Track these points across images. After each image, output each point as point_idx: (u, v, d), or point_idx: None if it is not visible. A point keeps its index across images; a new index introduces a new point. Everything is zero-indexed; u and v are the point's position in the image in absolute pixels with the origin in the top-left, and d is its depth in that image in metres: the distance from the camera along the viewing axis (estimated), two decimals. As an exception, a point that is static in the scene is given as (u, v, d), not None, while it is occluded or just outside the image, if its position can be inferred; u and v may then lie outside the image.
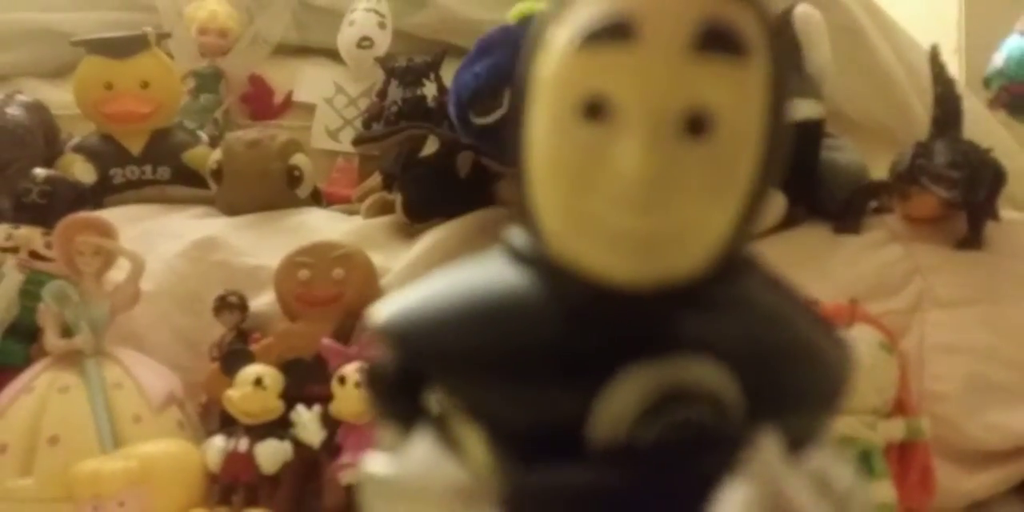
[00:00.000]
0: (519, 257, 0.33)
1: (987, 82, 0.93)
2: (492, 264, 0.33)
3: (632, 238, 0.30)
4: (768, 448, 0.30)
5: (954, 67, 1.15)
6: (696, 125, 0.29)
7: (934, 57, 0.91)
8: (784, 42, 0.31)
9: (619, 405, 0.30)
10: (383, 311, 0.33)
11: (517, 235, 0.33)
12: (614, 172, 0.29)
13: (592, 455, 0.30)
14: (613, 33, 0.29)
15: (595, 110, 0.29)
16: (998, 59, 0.92)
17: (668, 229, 0.30)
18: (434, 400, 0.33)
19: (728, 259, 0.31)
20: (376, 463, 0.33)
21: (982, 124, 1.03)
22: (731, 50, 0.29)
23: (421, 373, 0.33)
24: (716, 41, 0.29)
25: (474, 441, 0.32)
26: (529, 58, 0.32)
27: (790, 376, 0.32)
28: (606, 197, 0.29)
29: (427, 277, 0.34)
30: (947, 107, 0.89)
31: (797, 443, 0.32)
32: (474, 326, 0.32)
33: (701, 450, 0.30)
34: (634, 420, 0.30)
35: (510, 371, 0.31)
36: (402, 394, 0.33)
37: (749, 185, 0.30)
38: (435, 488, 0.31)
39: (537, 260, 0.32)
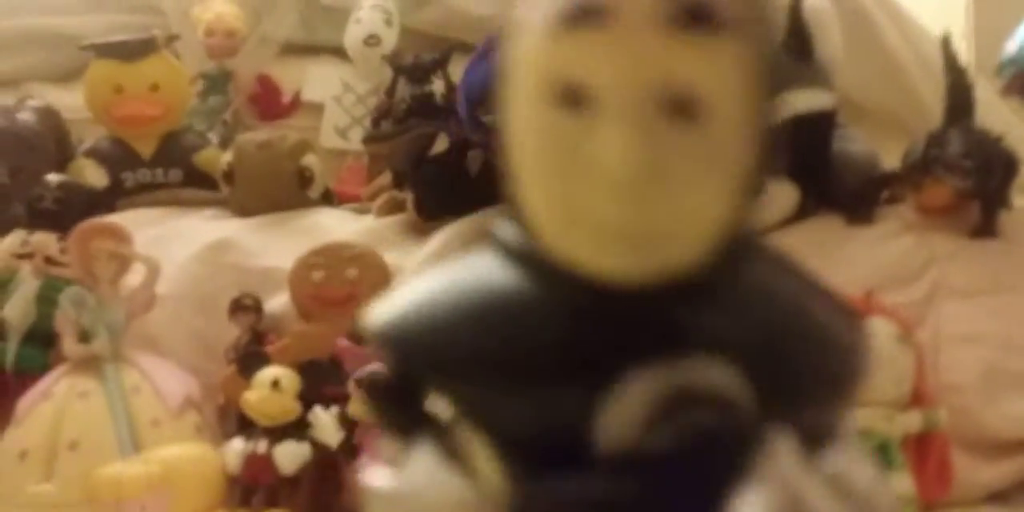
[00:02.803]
0: (511, 254, 0.31)
1: (999, 69, 0.93)
2: (485, 263, 0.32)
3: (624, 232, 0.28)
4: (783, 450, 0.29)
5: (964, 54, 1.15)
6: (682, 108, 0.27)
7: (946, 45, 0.90)
8: (769, 18, 0.30)
9: (627, 410, 0.29)
10: (377, 316, 0.32)
11: (508, 231, 0.31)
12: (599, 162, 0.27)
13: (601, 463, 0.29)
14: (586, 17, 0.27)
15: (574, 98, 0.28)
16: (1010, 47, 0.91)
17: (661, 220, 0.28)
18: (440, 408, 0.32)
19: (731, 247, 0.29)
20: (379, 477, 0.32)
21: (994, 111, 1.03)
22: (711, 27, 0.27)
23: (421, 381, 0.32)
24: (694, 17, 0.27)
25: (480, 451, 0.31)
26: (503, 46, 0.30)
27: (804, 366, 0.31)
28: (593, 188, 0.28)
29: (420, 279, 0.33)
30: (959, 96, 0.89)
31: (815, 439, 0.31)
32: (472, 329, 0.30)
33: (714, 455, 0.29)
34: (643, 426, 0.29)
35: (511, 375, 0.30)
36: (404, 403, 0.32)
37: (744, 169, 0.29)
38: (440, 503, 0.31)
39: (530, 257, 0.30)
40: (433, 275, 0.32)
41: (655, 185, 0.27)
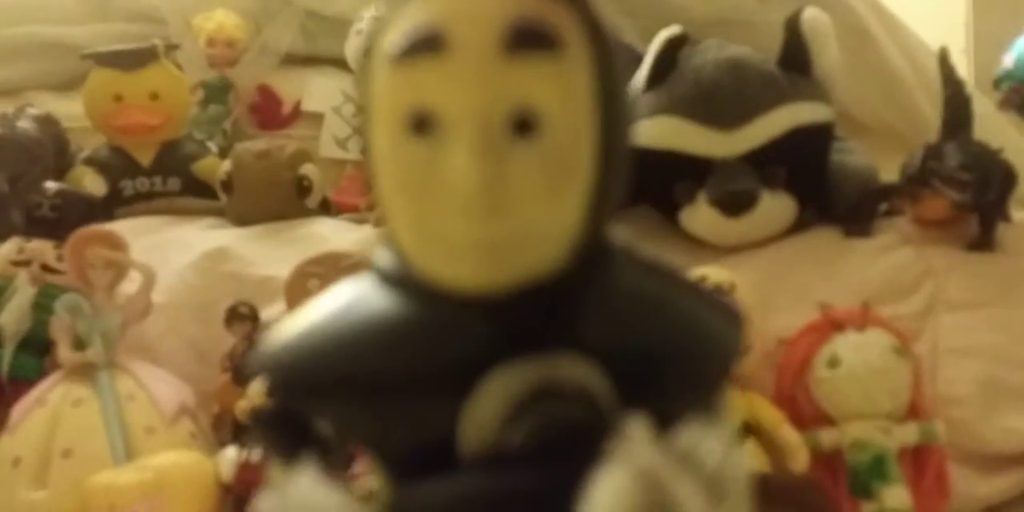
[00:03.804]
0: (386, 278, 0.33)
1: (997, 83, 0.93)
2: (361, 287, 0.33)
3: (478, 246, 0.30)
4: (636, 434, 0.29)
5: (962, 67, 1.15)
6: (523, 124, 0.29)
7: (943, 59, 0.90)
8: (609, 32, 0.31)
9: (484, 410, 0.30)
10: (262, 348, 0.34)
11: (383, 256, 0.33)
12: (449, 183, 0.29)
13: (463, 464, 0.30)
14: (424, 46, 0.29)
15: (423, 124, 0.30)
16: (1008, 60, 0.92)
17: (512, 233, 0.30)
18: (323, 429, 0.33)
19: (589, 252, 0.31)
20: (264, 502, 0.33)
21: (992, 125, 1.03)
22: (543, 46, 0.29)
23: (303, 405, 0.33)
24: (526, 39, 0.29)
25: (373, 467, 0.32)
26: (362, 75, 0.32)
27: (667, 360, 0.32)
28: (447, 209, 0.29)
29: (304, 308, 0.34)
30: (957, 109, 0.89)
31: (677, 418, 0.32)
32: (344, 355, 0.32)
33: (573, 447, 0.30)
34: (500, 424, 0.30)
35: (383, 395, 0.31)
36: (287, 428, 0.34)
37: (590, 178, 0.30)
38: None
39: (402, 279, 0.32)
40: (315, 304, 0.34)
41: (502, 201, 0.29)
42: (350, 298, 0.33)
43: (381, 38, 0.31)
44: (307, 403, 0.33)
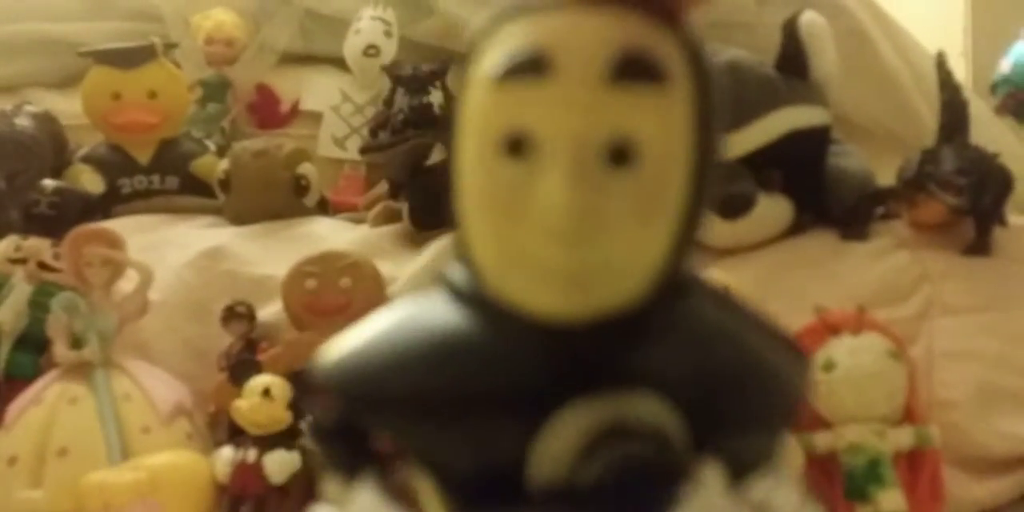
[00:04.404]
0: (459, 295, 0.32)
1: (994, 88, 0.93)
2: (432, 303, 0.33)
3: (563, 272, 0.29)
4: (710, 480, 0.29)
5: (960, 71, 1.15)
6: (619, 155, 0.29)
7: (940, 63, 0.90)
8: (711, 65, 0.31)
9: (557, 444, 0.30)
10: (323, 359, 0.33)
11: (457, 272, 0.33)
12: (540, 207, 0.29)
13: (533, 497, 0.30)
14: (528, 68, 0.29)
15: (518, 146, 0.29)
16: (1005, 65, 0.92)
17: (599, 261, 0.29)
18: (384, 447, 0.33)
19: (669, 284, 0.31)
20: None
21: (989, 129, 1.03)
22: (648, 78, 0.29)
23: (365, 421, 0.33)
24: (632, 70, 0.29)
25: (424, 489, 0.32)
26: (458, 92, 0.32)
27: (737, 400, 0.32)
28: (534, 232, 0.29)
29: (369, 320, 0.34)
30: (954, 113, 0.89)
31: (747, 466, 0.32)
32: (412, 368, 0.31)
33: (644, 486, 0.30)
34: (573, 459, 0.30)
35: (449, 414, 0.31)
36: (348, 443, 0.33)
37: (680, 211, 0.30)
38: None
39: (476, 298, 0.32)
40: (381, 316, 0.34)
41: (592, 229, 0.29)
42: (417, 313, 0.33)
43: (481, 54, 0.31)
44: (370, 417, 0.33)
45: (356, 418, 0.33)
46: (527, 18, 0.30)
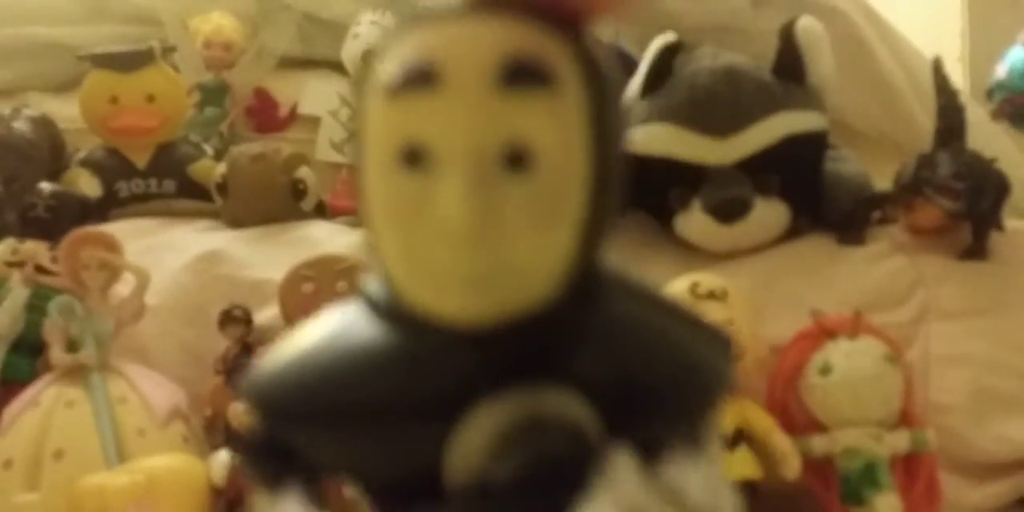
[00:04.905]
0: (374, 306, 0.33)
1: (990, 93, 0.93)
2: (348, 316, 0.33)
3: (466, 277, 0.30)
4: (622, 469, 0.30)
5: (958, 76, 1.15)
6: (515, 160, 0.29)
7: (937, 68, 0.91)
8: (608, 69, 0.31)
9: (470, 442, 0.30)
10: (249, 378, 0.34)
11: (371, 284, 0.33)
12: (440, 216, 0.29)
13: (449, 496, 0.30)
14: (418, 80, 0.29)
15: (415, 157, 0.30)
16: (1000, 71, 0.92)
17: (501, 266, 0.30)
18: (310, 458, 0.34)
19: (581, 284, 0.31)
20: None
21: (986, 134, 1.03)
22: (537, 82, 0.29)
23: (289, 434, 0.33)
24: (520, 75, 0.29)
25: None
26: (357, 106, 0.32)
27: (655, 390, 0.32)
28: (436, 240, 0.29)
29: (291, 337, 0.34)
30: (950, 118, 0.89)
31: (665, 448, 0.32)
32: (330, 381, 0.32)
33: (560, 481, 0.30)
34: (487, 457, 0.30)
35: (368, 427, 0.31)
36: (272, 457, 0.34)
37: (581, 212, 0.30)
38: None
39: (390, 307, 0.32)
40: (303, 332, 0.34)
41: (492, 234, 0.29)
42: (337, 327, 0.33)
43: (376, 67, 0.31)
44: (292, 432, 0.33)
45: (279, 432, 0.33)
46: (418, 29, 0.30)
